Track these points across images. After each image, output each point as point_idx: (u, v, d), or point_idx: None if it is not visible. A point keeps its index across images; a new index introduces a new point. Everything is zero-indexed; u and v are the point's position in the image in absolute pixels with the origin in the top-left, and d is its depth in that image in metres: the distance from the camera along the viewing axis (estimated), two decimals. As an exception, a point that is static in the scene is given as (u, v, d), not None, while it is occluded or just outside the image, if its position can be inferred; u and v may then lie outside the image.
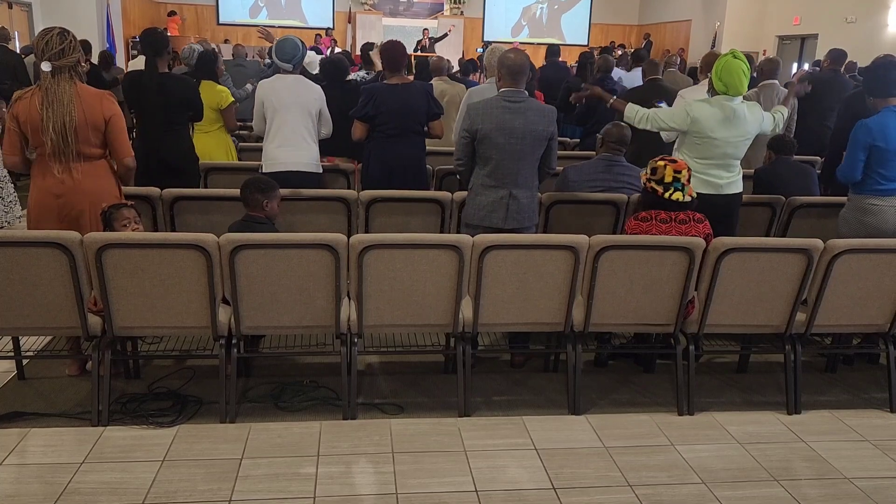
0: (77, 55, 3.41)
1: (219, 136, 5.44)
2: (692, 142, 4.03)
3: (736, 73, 3.93)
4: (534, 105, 3.72)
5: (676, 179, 3.50)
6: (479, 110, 3.69)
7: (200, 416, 3.35)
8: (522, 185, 3.74)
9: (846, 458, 3.24)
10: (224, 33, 19.79)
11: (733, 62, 3.95)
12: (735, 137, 4.00)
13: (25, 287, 3.14)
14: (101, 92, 3.51)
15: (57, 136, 3.35)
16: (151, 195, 4.10)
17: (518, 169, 3.70)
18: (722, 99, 3.98)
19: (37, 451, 3.04)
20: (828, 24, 14.44)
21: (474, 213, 3.79)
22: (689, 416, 3.55)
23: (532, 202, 3.82)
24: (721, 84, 3.98)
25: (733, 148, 4.02)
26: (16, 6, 13.74)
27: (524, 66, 3.74)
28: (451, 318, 3.42)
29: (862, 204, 4.00)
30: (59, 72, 3.36)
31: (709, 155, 3.98)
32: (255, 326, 3.36)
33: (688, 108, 4.02)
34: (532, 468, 3.06)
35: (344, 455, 3.10)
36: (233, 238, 3.15)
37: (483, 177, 3.75)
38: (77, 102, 3.36)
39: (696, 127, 3.98)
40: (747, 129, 4.02)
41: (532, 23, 21.94)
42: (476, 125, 3.67)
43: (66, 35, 3.40)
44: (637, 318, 3.54)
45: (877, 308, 3.61)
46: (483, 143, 3.68)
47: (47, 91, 3.34)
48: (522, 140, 3.66)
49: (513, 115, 3.64)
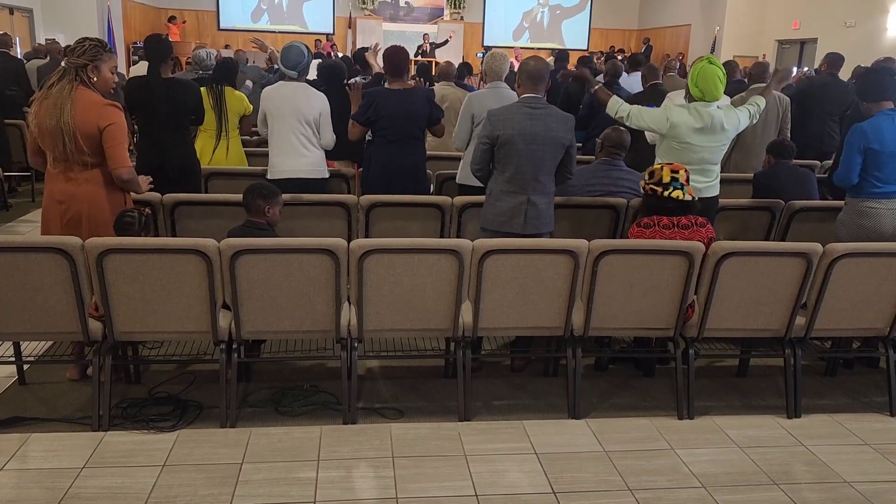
0: (84, 60, 3.39)
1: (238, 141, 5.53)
2: (671, 147, 4.06)
3: (711, 79, 3.95)
4: (554, 112, 3.73)
5: (675, 179, 3.52)
6: (501, 116, 3.69)
7: (201, 420, 3.36)
8: (540, 192, 3.74)
9: (846, 462, 3.25)
10: (224, 39, 19.83)
11: (709, 68, 3.97)
12: (712, 143, 4.04)
13: (27, 292, 3.15)
14: (103, 100, 3.45)
15: (53, 139, 3.35)
16: (152, 200, 4.11)
17: (537, 175, 3.71)
18: (699, 105, 4.01)
19: (37, 456, 3.04)
20: (827, 28, 14.46)
21: (493, 218, 3.79)
22: (689, 420, 3.55)
23: (549, 208, 3.83)
24: (697, 90, 4.00)
25: (710, 153, 4.06)
26: (17, 12, 13.79)
27: (544, 73, 3.77)
28: (452, 323, 3.42)
29: (859, 207, 4.00)
30: (66, 73, 3.38)
31: (687, 160, 3.98)
32: (255, 331, 3.37)
33: (668, 113, 4.05)
34: (532, 472, 3.06)
35: (344, 459, 3.10)
36: (233, 243, 3.16)
37: (502, 182, 3.75)
38: (74, 108, 3.34)
39: (675, 132, 4.01)
40: (725, 135, 4.06)
41: (533, 27, 21.98)
42: (497, 131, 3.67)
43: (86, 40, 3.43)
44: (637, 323, 3.54)
45: (876, 312, 3.61)
46: (503, 148, 3.68)
47: (52, 93, 3.36)
48: (543, 147, 3.67)
49: (533, 122, 3.65)
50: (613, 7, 21.97)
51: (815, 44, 14.93)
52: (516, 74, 3.90)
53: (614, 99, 4.21)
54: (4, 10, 13.11)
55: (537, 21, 21.98)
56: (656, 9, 21.24)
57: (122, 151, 3.48)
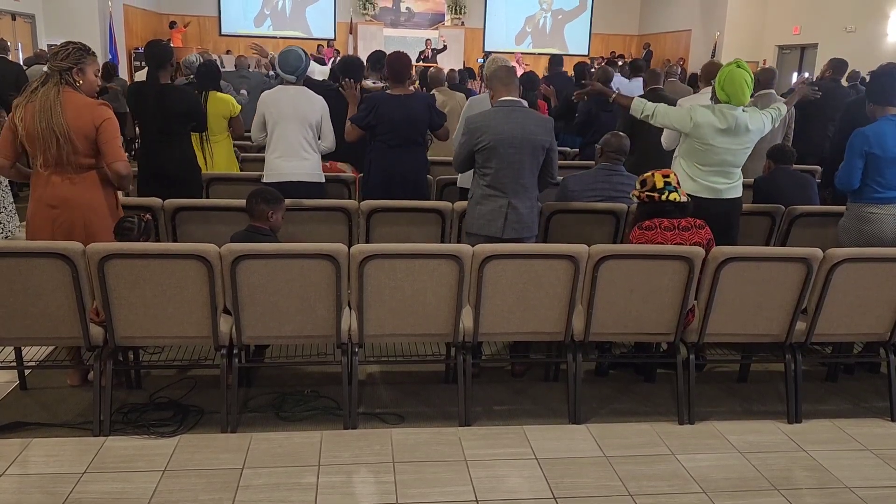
0: (68, 63, 3.38)
1: (227, 144, 5.50)
2: (693, 147, 4.04)
3: (739, 84, 3.93)
4: (531, 115, 3.75)
5: (667, 183, 3.53)
6: (477, 122, 3.71)
7: (201, 425, 3.36)
8: (522, 195, 3.75)
9: (847, 468, 3.24)
10: (226, 44, 19.89)
11: (737, 72, 3.94)
12: (735, 145, 4.01)
13: (28, 297, 3.15)
14: (94, 101, 3.46)
15: (45, 142, 3.34)
16: (153, 206, 4.12)
17: (517, 178, 3.71)
18: (724, 108, 3.99)
19: (38, 462, 3.05)
20: (827, 33, 14.48)
21: (474, 221, 3.81)
22: (690, 426, 3.55)
23: (532, 213, 3.83)
24: (724, 94, 3.98)
25: (732, 156, 4.04)
26: (19, 18, 13.84)
27: (512, 74, 3.81)
28: (452, 328, 3.42)
29: (860, 212, 4.01)
30: (50, 78, 3.37)
31: (708, 161, 3.99)
32: (256, 336, 3.37)
33: (691, 112, 4.02)
34: (532, 478, 3.06)
35: (345, 465, 3.10)
36: (234, 248, 3.17)
37: (483, 186, 3.77)
38: (65, 110, 3.33)
39: (698, 132, 3.99)
40: (749, 137, 4.04)
41: (536, 32, 22.02)
42: (475, 137, 3.69)
43: (70, 44, 3.42)
44: (637, 328, 3.54)
45: (877, 317, 3.61)
46: (482, 153, 3.70)
47: (38, 98, 3.34)
48: (522, 149, 3.67)
49: (511, 125, 3.66)
50: (614, 12, 22.02)
51: (816, 49, 14.95)
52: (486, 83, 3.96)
53: (637, 100, 4.25)
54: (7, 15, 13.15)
55: (540, 26, 22.03)
56: (657, 14, 21.28)
57: (118, 145, 3.49)
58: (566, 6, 22.03)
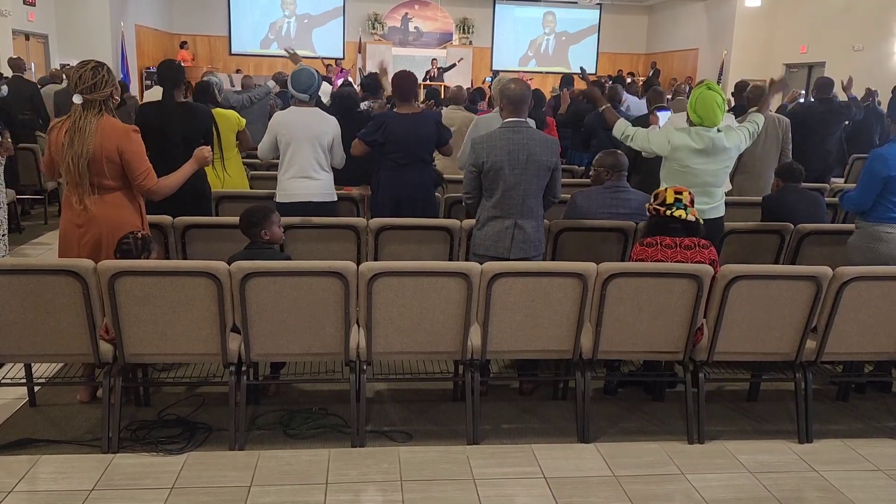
0: (109, 90, 3.45)
1: (239, 160, 5.54)
2: (673, 169, 4.13)
3: (710, 105, 4.02)
4: (537, 136, 3.76)
5: (678, 200, 3.54)
6: (484, 143, 3.73)
7: (210, 443, 3.36)
8: (528, 216, 3.76)
9: (859, 488, 3.21)
10: (236, 63, 20.05)
11: (707, 94, 4.04)
12: (714, 165, 4.10)
13: (39, 314, 3.17)
14: (127, 127, 3.52)
15: (74, 167, 3.39)
16: (163, 223, 4.15)
17: (523, 199, 3.73)
18: (700, 130, 4.06)
19: (47, 478, 3.05)
20: (835, 52, 14.49)
21: (480, 242, 3.82)
22: (700, 445, 3.53)
23: (538, 232, 3.84)
24: (696, 116, 4.07)
25: (712, 176, 4.12)
26: (33, 38, 14.01)
27: (525, 96, 3.79)
28: (460, 346, 3.42)
29: (873, 231, 4.00)
30: (90, 106, 3.42)
31: (689, 183, 4.01)
32: (264, 354, 3.38)
33: (669, 135, 4.10)
34: (541, 497, 3.04)
35: (353, 483, 3.09)
36: (243, 266, 3.18)
37: (489, 208, 3.78)
38: (97, 134, 3.40)
39: (675, 154, 4.08)
40: (728, 155, 4.12)
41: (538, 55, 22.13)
42: (482, 158, 3.70)
43: (100, 70, 3.43)
44: (646, 346, 3.53)
45: (887, 336, 3.59)
46: (488, 175, 3.71)
47: (74, 123, 3.41)
48: (526, 170, 3.69)
49: (517, 147, 3.68)
50: (622, 31, 22.12)
51: (823, 67, 14.96)
52: (498, 99, 3.96)
53: (621, 121, 4.35)
54: (20, 35, 13.32)
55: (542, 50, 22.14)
56: (664, 33, 21.37)
57: (142, 164, 3.53)
58: (571, 28, 22.14)
